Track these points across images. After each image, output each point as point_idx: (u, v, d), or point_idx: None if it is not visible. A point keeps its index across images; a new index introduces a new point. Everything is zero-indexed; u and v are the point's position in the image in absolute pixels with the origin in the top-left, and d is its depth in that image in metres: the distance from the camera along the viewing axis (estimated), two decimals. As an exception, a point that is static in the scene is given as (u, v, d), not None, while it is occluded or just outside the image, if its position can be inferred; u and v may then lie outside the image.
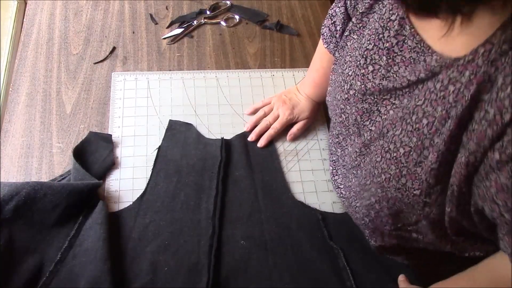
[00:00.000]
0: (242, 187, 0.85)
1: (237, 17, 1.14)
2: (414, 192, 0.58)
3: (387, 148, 0.61)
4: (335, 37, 0.79)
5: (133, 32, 1.08)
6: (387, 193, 0.63)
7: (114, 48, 1.04)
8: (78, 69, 1.00)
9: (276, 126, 0.92)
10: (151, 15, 1.12)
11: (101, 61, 1.02)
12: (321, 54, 0.89)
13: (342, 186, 0.82)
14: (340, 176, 0.82)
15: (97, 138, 0.88)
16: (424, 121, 0.55)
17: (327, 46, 0.83)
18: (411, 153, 0.57)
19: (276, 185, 0.86)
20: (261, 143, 0.91)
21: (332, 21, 0.79)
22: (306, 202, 0.85)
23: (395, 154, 0.59)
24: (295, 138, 0.93)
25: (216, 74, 1.02)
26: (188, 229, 0.79)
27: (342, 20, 0.76)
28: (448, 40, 0.51)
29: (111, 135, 0.89)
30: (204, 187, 0.84)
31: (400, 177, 0.59)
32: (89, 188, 0.78)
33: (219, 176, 0.84)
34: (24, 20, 1.08)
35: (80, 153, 0.85)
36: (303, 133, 0.95)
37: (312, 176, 0.89)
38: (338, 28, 0.78)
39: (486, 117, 0.49)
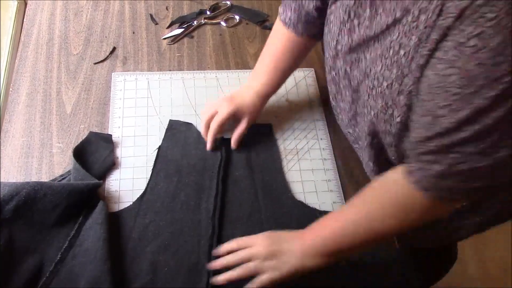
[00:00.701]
0: (242, 187, 0.85)
1: (237, 17, 1.14)
2: (397, 119, 0.62)
3: (371, 86, 0.65)
4: (306, 14, 0.80)
5: (133, 33, 1.08)
6: (377, 128, 0.68)
7: (114, 48, 1.04)
8: (78, 69, 1.00)
9: (213, 125, 0.87)
10: (151, 15, 1.12)
11: (101, 61, 1.02)
12: (278, 39, 0.87)
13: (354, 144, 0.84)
14: (348, 136, 0.84)
15: (97, 138, 0.88)
16: (401, 52, 0.58)
17: (294, 29, 0.83)
18: (393, 84, 0.60)
19: (276, 185, 0.86)
20: (208, 146, 0.88)
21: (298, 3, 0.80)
22: (306, 202, 0.85)
23: (379, 89, 0.63)
24: (241, 141, 0.89)
25: (216, 74, 1.02)
26: (188, 229, 0.79)
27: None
28: None
29: (111, 135, 0.89)
30: (204, 187, 0.84)
31: (387, 108, 0.63)
32: (89, 188, 0.78)
33: (219, 176, 0.84)
34: (24, 20, 1.08)
35: (80, 153, 0.85)
36: (303, 133, 0.95)
37: (312, 175, 0.89)
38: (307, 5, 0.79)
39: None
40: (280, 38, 0.86)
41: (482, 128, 0.51)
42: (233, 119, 0.88)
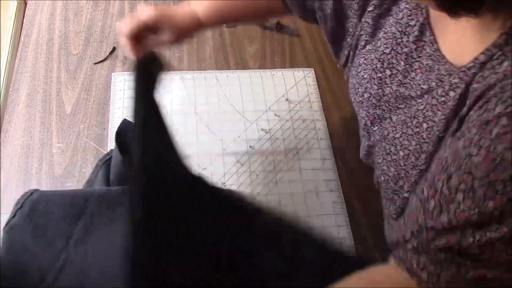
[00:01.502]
0: None
1: (237, 17, 1.14)
2: (405, 194, 0.59)
3: (388, 150, 0.61)
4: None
5: (133, 32, 1.08)
6: (385, 195, 0.63)
7: (114, 49, 1.04)
8: (78, 69, 1.00)
9: (123, 28, 0.70)
10: (151, 16, 1.12)
11: (101, 61, 1.02)
12: None
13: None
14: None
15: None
16: (424, 125, 0.54)
17: None
18: (410, 156, 0.57)
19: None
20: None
21: None
22: (306, 202, 0.85)
23: (395, 157, 0.59)
24: (153, 48, 0.73)
25: (216, 74, 1.03)
26: None
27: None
28: (459, 49, 0.51)
29: None
30: None
31: (398, 179, 0.59)
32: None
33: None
34: (24, 20, 1.08)
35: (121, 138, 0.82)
36: (303, 133, 0.95)
37: (312, 175, 0.89)
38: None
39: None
40: None
41: None
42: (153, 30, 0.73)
